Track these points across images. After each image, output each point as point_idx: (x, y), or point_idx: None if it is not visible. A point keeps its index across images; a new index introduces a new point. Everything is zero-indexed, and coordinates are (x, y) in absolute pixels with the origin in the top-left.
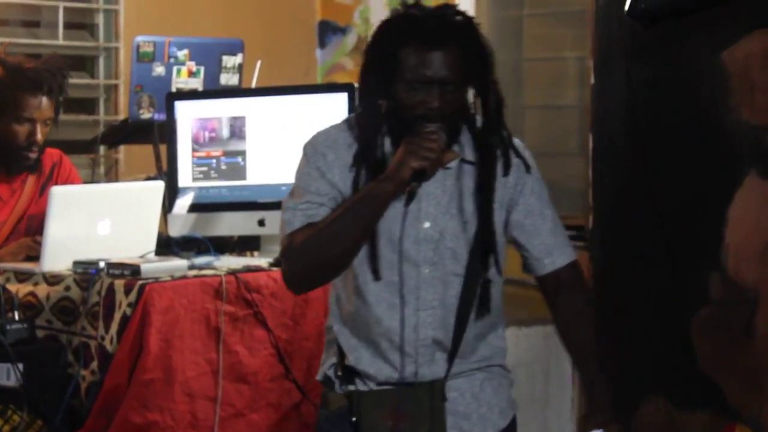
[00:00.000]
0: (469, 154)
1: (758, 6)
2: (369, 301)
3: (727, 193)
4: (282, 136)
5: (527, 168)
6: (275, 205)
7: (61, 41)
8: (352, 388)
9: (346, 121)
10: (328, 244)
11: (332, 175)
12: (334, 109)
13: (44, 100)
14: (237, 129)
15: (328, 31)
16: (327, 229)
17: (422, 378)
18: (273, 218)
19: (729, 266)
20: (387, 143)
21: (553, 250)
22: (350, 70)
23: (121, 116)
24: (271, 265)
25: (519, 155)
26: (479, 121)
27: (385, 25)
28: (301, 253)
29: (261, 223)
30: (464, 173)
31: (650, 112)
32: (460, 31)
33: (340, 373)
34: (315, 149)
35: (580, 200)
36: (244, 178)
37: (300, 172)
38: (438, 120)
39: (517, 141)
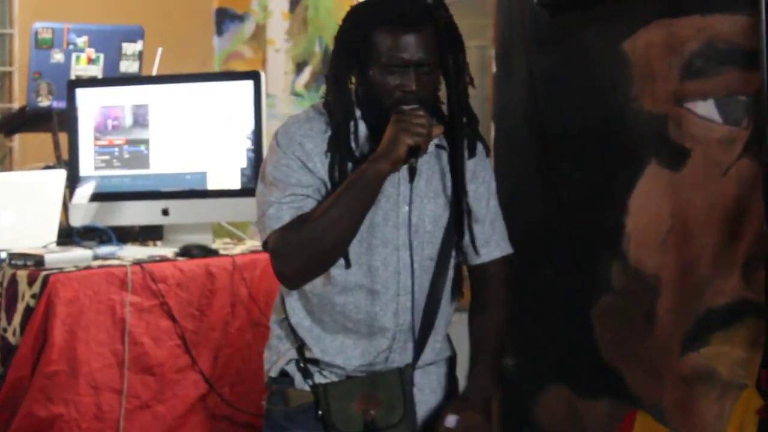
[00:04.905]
0: (441, 138)
1: None
2: (347, 288)
3: (628, 183)
4: (186, 125)
5: (487, 152)
6: (179, 194)
7: None
8: (316, 381)
9: (314, 108)
10: (327, 234)
11: (313, 164)
12: (238, 97)
13: None
14: (140, 117)
15: (225, 18)
16: (324, 218)
17: (392, 364)
18: (176, 207)
19: (630, 255)
20: (362, 128)
21: (491, 241)
22: (248, 57)
23: (16, 104)
24: (177, 255)
25: (482, 141)
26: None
27: (356, 10)
28: (300, 248)
29: (165, 212)
30: (440, 157)
31: (552, 102)
32: (433, 12)
33: (302, 366)
34: (291, 138)
35: None
36: (147, 166)
37: (276, 164)
38: (415, 103)
39: None
